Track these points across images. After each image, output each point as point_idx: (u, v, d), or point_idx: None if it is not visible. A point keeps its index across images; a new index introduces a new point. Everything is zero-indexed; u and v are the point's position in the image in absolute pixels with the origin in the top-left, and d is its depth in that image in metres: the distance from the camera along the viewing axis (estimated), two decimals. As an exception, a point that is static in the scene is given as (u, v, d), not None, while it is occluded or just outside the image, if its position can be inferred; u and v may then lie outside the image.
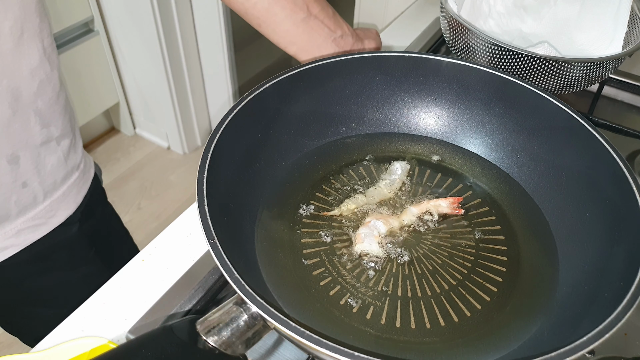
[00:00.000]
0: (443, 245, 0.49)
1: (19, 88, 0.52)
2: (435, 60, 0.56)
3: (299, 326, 0.32)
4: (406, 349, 0.41)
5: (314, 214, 0.51)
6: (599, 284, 0.41)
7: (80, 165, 0.66)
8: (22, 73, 0.53)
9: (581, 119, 0.48)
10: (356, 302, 0.44)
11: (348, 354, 0.30)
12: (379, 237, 0.48)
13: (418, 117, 0.59)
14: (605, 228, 0.45)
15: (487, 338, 0.42)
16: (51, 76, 0.57)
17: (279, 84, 0.51)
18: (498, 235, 0.50)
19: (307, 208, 0.51)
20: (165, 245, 0.55)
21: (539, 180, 0.53)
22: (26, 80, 0.53)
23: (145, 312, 0.48)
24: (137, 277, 0.52)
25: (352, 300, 0.44)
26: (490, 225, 0.51)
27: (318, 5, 0.63)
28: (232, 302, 0.36)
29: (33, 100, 0.55)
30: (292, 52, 0.65)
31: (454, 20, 0.66)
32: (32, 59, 0.53)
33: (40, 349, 0.46)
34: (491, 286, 0.46)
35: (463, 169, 0.56)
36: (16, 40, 0.51)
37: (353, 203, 0.52)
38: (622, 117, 0.74)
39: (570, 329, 0.39)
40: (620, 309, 0.34)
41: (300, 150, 0.56)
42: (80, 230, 0.68)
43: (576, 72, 0.61)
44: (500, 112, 0.56)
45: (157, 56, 1.67)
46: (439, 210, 0.51)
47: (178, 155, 2.02)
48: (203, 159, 0.42)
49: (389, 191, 0.53)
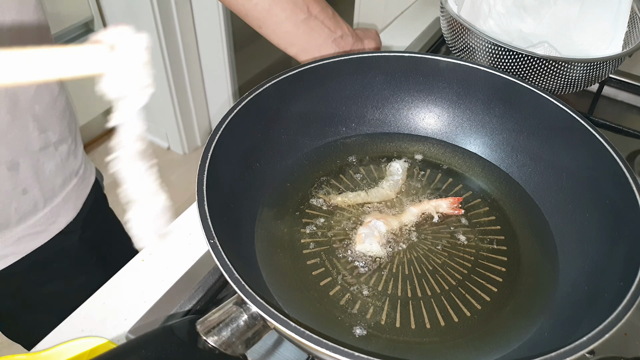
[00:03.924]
0: (443, 246, 0.49)
1: (16, 93, 0.52)
2: (435, 60, 0.56)
3: (299, 326, 0.32)
4: (406, 349, 0.41)
5: (314, 214, 0.51)
6: (599, 284, 0.41)
7: (79, 171, 0.65)
8: None
9: (581, 119, 0.48)
10: (356, 302, 0.44)
11: (348, 354, 0.30)
12: (379, 237, 0.48)
13: (418, 117, 0.59)
14: (605, 228, 0.45)
15: (487, 338, 0.42)
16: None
17: (279, 84, 0.51)
18: (498, 235, 0.50)
19: (307, 208, 0.51)
20: (165, 245, 0.55)
21: (539, 180, 0.53)
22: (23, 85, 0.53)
23: (145, 312, 0.48)
24: (137, 277, 0.52)
25: (352, 300, 0.44)
26: (490, 225, 0.51)
27: (318, 5, 0.63)
28: (232, 302, 0.36)
29: (31, 105, 0.54)
30: (292, 53, 0.65)
31: (454, 20, 0.66)
32: None
33: (40, 349, 0.46)
34: (491, 286, 0.46)
35: (463, 169, 0.56)
36: (14, 44, 0.50)
37: (355, 197, 0.52)
38: (622, 117, 0.74)
39: (570, 329, 0.39)
40: (620, 309, 0.34)
41: (300, 150, 0.56)
42: (82, 237, 0.67)
43: (576, 72, 0.61)
44: (500, 112, 0.56)
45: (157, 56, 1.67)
46: (439, 211, 0.51)
47: (178, 155, 2.02)
48: (203, 159, 0.42)
49: (391, 192, 0.53)
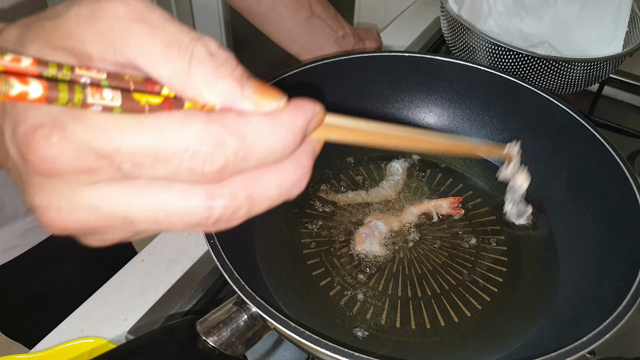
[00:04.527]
0: (443, 246, 0.49)
1: None
2: (435, 60, 0.56)
3: (298, 326, 0.32)
4: (406, 349, 0.41)
5: (314, 214, 0.51)
6: (599, 284, 0.41)
7: None
8: None
9: (581, 119, 0.48)
10: (356, 302, 0.44)
11: (348, 354, 0.30)
12: (380, 237, 0.48)
13: (418, 117, 0.59)
14: (605, 228, 0.45)
15: (487, 338, 0.42)
16: None
17: (279, 83, 0.51)
18: (498, 236, 0.50)
19: (307, 208, 0.51)
20: (165, 245, 0.55)
21: (539, 180, 0.53)
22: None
23: (145, 312, 0.48)
24: (137, 277, 0.52)
25: (352, 300, 0.44)
26: (490, 225, 0.51)
27: (320, 5, 0.63)
28: (231, 302, 0.36)
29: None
30: (294, 51, 0.65)
31: (454, 20, 0.66)
32: None
33: (40, 350, 0.46)
34: (491, 286, 0.46)
35: (463, 169, 0.56)
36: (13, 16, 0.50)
37: (355, 197, 0.52)
38: (622, 117, 0.74)
39: (571, 329, 0.39)
40: (621, 309, 0.34)
41: (300, 150, 0.55)
42: None
43: (576, 72, 0.61)
44: (500, 112, 0.55)
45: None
46: (440, 211, 0.51)
47: (178, 155, 2.02)
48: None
49: (391, 192, 0.53)
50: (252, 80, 0.20)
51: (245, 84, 0.20)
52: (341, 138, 0.25)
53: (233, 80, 0.19)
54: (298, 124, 0.20)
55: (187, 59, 0.19)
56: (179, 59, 0.19)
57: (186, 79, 0.19)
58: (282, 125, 0.20)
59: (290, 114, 0.20)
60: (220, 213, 0.20)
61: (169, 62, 0.19)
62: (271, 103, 0.20)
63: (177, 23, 0.20)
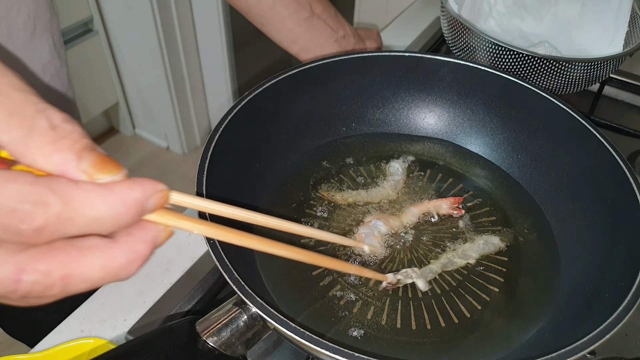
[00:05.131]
0: (444, 246, 0.49)
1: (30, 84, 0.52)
2: (435, 60, 0.56)
3: (298, 327, 0.32)
4: (407, 349, 0.41)
5: (314, 214, 0.51)
6: (599, 284, 0.41)
7: None
8: (34, 68, 0.52)
9: (582, 119, 0.48)
10: (356, 302, 0.44)
11: (348, 354, 0.30)
12: (380, 236, 0.48)
13: (418, 117, 0.59)
14: (606, 228, 0.45)
15: (487, 339, 0.42)
16: (60, 72, 0.57)
17: (279, 83, 0.51)
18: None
19: (307, 208, 0.51)
20: (164, 245, 0.55)
21: (540, 180, 0.53)
22: (37, 76, 0.53)
23: (144, 312, 0.48)
24: (137, 277, 0.52)
25: (352, 300, 0.44)
26: (491, 225, 0.51)
27: (321, 5, 0.63)
28: (231, 302, 0.36)
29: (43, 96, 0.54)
30: (294, 51, 0.65)
31: (454, 19, 0.66)
32: (43, 54, 0.53)
33: (40, 350, 0.46)
34: (492, 287, 0.46)
35: (463, 169, 0.56)
36: (29, 35, 0.50)
37: (355, 197, 0.52)
38: (622, 117, 0.74)
39: (571, 330, 0.39)
40: (621, 310, 0.34)
41: (300, 150, 0.55)
42: None
43: (577, 71, 0.61)
44: (500, 112, 0.55)
45: (157, 56, 1.67)
46: (440, 211, 0.51)
47: (177, 155, 2.02)
48: (203, 159, 0.42)
49: (391, 191, 0.53)
50: (94, 154, 0.20)
51: (83, 158, 0.20)
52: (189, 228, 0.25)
53: (70, 153, 0.20)
54: (133, 196, 0.20)
55: (27, 129, 0.19)
56: (19, 129, 0.19)
57: (24, 148, 0.19)
58: (114, 194, 0.20)
59: (127, 186, 0.20)
60: (29, 288, 0.20)
61: (9, 130, 0.19)
62: (107, 176, 0.20)
63: (27, 92, 0.20)
